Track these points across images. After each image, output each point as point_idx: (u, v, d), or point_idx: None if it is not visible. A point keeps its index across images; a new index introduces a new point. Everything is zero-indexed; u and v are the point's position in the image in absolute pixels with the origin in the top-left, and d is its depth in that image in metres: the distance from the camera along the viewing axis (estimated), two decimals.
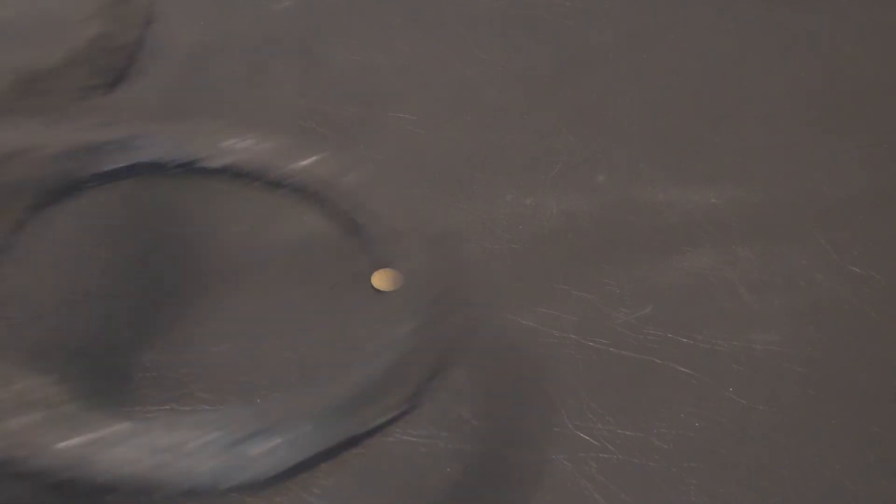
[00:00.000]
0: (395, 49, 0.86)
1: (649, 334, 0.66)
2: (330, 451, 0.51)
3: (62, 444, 0.49)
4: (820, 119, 0.81)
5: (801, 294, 0.69)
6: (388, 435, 0.61)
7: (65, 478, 0.48)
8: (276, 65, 0.84)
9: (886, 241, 0.72)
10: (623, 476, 0.59)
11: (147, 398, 0.62)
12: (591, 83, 0.84)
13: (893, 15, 0.91)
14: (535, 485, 0.59)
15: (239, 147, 0.61)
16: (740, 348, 0.66)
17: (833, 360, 0.65)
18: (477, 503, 0.58)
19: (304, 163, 0.60)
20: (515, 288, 0.69)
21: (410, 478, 0.59)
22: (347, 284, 0.66)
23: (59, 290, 0.67)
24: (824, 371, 0.65)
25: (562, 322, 0.66)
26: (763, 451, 0.61)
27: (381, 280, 0.69)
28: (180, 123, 0.62)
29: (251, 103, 0.81)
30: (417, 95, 0.81)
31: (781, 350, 0.66)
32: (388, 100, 0.73)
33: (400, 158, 0.76)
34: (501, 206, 0.74)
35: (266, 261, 0.69)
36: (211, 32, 0.86)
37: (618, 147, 0.79)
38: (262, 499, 0.58)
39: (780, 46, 0.87)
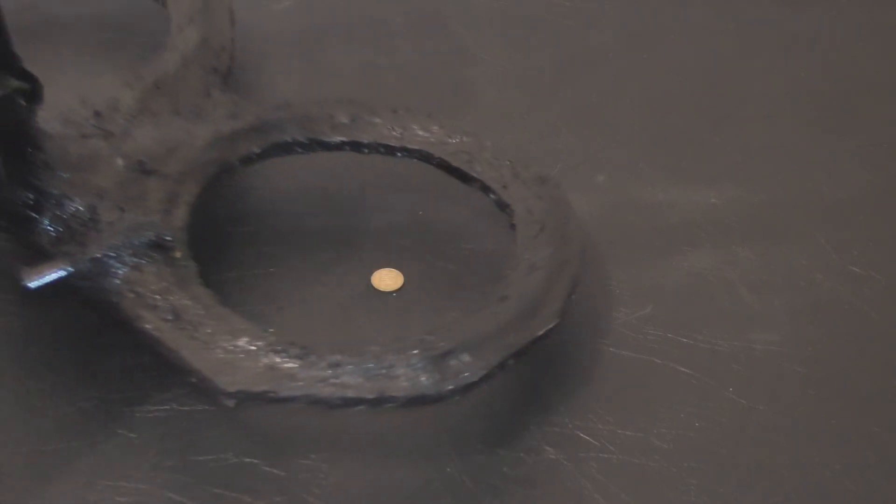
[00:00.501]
0: (395, 49, 0.86)
1: (649, 334, 0.66)
2: (505, 361, 0.59)
3: (304, 374, 0.57)
4: (820, 119, 0.81)
5: (801, 294, 0.69)
6: (388, 435, 0.61)
7: (319, 399, 0.57)
8: (276, 65, 0.84)
9: (886, 241, 0.72)
10: (623, 476, 0.59)
11: (147, 398, 0.62)
12: (591, 83, 0.84)
13: (893, 15, 0.90)
14: (535, 485, 0.59)
15: (353, 122, 0.70)
16: (740, 348, 0.66)
17: (833, 360, 0.65)
18: (477, 503, 0.58)
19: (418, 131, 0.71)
20: None
21: (410, 478, 0.59)
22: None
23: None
24: (824, 371, 0.65)
25: (562, 322, 0.66)
26: (763, 451, 0.61)
27: (380, 280, 0.69)
28: (294, 108, 0.71)
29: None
30: (417, 95, 0.81)
31: (781, 350, 0.66)
32: (388, 100, 0.73)
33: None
34: None
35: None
36: None
37: (618, 147, 0.79)
38: (262, 499, 0.58)
39: (780, 46, 0.87)
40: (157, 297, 0.60)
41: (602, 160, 0.77)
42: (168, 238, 0.62)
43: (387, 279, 0.68)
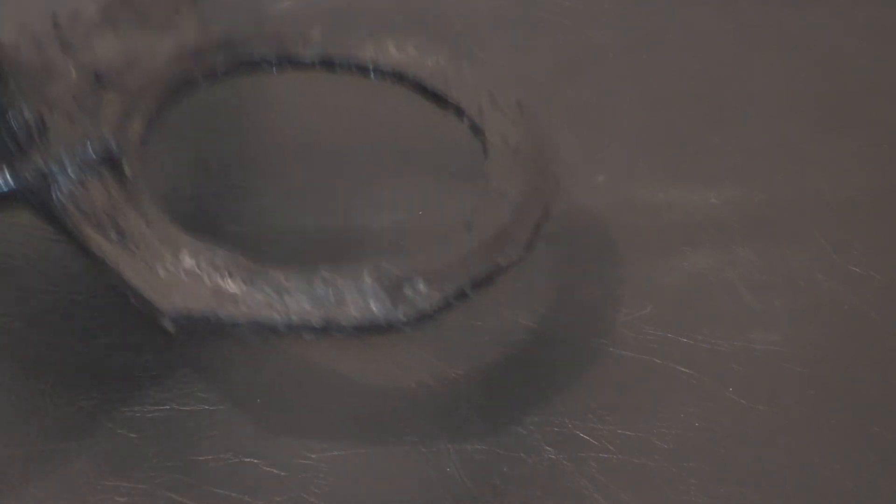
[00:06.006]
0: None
1: (649, 334, 0.66)
2: (463, 292, 0.57)
3: (249, 298, 0.55)
4: (820, 119, 0.81)
5: (801, 294, 0.69)
6: (388, 434, 0.61)
7: (263, 324, 0.55)
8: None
9: (886, 241, 0.72)
10: (623, 476, 0.59)
11: (147, 398, 0.62)
12: (591, 83, 0.84)
13: (893, 15, 0.90)
14: (535, 485, 0.59)
15: (325, 39, 0.69)
16: (740, 348, 0.66)
17: (833, 360, 0.65)
18: (477, 503, 0.58)
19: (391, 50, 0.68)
20: (515, 288, 0.69)
21: (410, 478, 0.59)
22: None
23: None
24: (824, 371, 0.65)
25: (562, 322, 0.66)
26: (763, 451, 0.61)
27: None
28: (264, 26, 0.70)
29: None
30: (418, 95, 0.81)
31: (781, 350, 0.66)
32: (388, 99, 0.73)
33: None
34: None
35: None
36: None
37: (618, 147, 0.78)
38: (262, 499, 0.58)
39: (780, 46, 0.87)
40: (103, 214, 0.57)
41: (602, 160, 0.77)
42: (118, 152, 0.60)
43: None
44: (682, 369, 0.65)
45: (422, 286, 0.56)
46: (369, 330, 0.55)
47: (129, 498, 0.58)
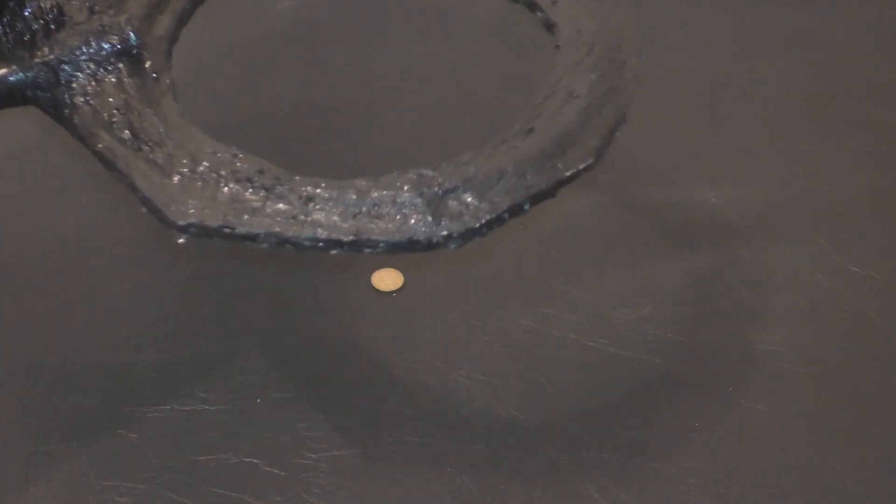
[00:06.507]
0: (395, 49, 0.86)
1: (649, 334, 0.66)
2: (519, 205, 0.50)
3: (277, 206, 0.49)
4: (820, 119, 0.81)
5: (801, 294, 0.69)
6: (388, 434, 0.61)
7: (286, 237, 0.49)
8: (276, 64, 0.84)
9: (886, 241, 0.72)
10: (623, 476, 0.59)
11: (147, 398, 0.62)
12: None
13: (893, 14, 0.90)
14: (535, 485, 0.59)
15: None
16: (740, 348, 0.66)
17: (833, 360, 0.65)
18: (477, 503, 0.58)
19: None
20: (515, 288, 0.69)
21: (410, 478, 0.59)
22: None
23: None
24: (824, 371, 0.65)
25: (562, 322, 0.66)
26: (763, 451, 0.61)
27: (380, 280, 0.69)
28: None
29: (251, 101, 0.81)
30: (417, 94, 0.81)
31: (781, 350, 0.66)
32: (388, 99, 0.73)
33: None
34: None
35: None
36: (211, 32, 0.86)
37: (618, 147, 0.78)
38: (262, 499, 0.58)
39: (780, 46, 0.87)
40: (115, 111, 0.53)
41: (602, 160, 0.77)
42: (136, 44, 0.54)
43: (387, 279, 0.68)
44: (682, 369, 0.65)
45: (468, 198, 0.49)
46: (407, 246, 0.49)
47: (129, 498, 0.58)
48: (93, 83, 0.53)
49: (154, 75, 0.54)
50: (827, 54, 0.87)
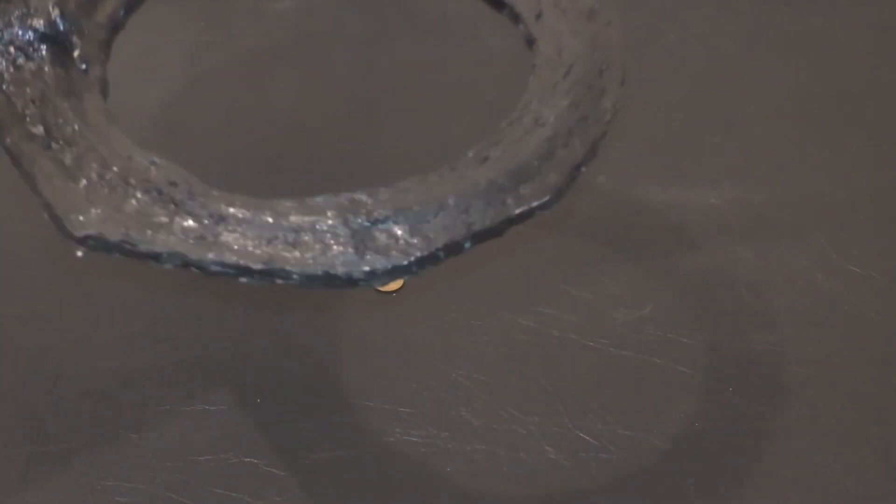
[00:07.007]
0: (395, 49, 0.86)
1: (649, 334, 0.66)
2: (458, 243, 0.44)
3: (184, 224, 0.44)
4: (820, 119, 0.81)
5: (801, 294, 0.69)
6: (387, 435, 0.61)
7: (190, 259, 0.44)
8: (275, 64, 0.84)
9: (886, 241, 0.72)
10: (623, 476, 0.59)
11: (147, 398, 0.62)
12: None
13: (893, 14, 0.90)
14: (536, 485, 0.59)
15: None
16: (740, 348, 0.66)
17: (833, 360, 0.65)
18: (476, 503, 0.58)
19: None
20: (515, 288, 0.69)
21: (410, 478, 0.59)
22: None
23: None
24: (824, 371, 0.65)
25: (562, 322, 0.66)
26: (763, 451, 0.61)
27: None
28: None
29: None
30: (417, 95, 0.81)
31: (781, 350, 0.66)
32: (388, 99, 0.73)
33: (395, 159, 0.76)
34: None
35: None
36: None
37: (618, 147, 0.78)
38: (262, 499, 0.58)
39: (780, 46, 0.87)
40: (31, 103, 0.48)
41: (602, 160, 0.77)
42: (62, 30, 0.50)
43: None
44: (682, 369, 0.65)
45: (400, 231, 0.44)
46: (324, 281, 0.44)
47: (129, 498, 0.58)
48: (11, 70, 0.48)
49: (83, 66, 0.49)
50: (827, 54, 0.87)
